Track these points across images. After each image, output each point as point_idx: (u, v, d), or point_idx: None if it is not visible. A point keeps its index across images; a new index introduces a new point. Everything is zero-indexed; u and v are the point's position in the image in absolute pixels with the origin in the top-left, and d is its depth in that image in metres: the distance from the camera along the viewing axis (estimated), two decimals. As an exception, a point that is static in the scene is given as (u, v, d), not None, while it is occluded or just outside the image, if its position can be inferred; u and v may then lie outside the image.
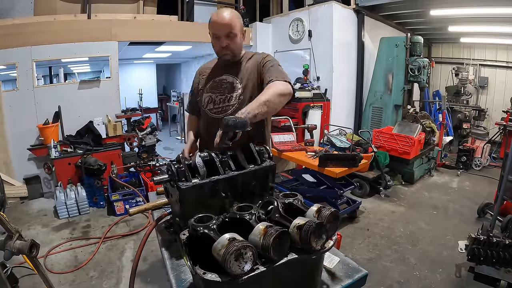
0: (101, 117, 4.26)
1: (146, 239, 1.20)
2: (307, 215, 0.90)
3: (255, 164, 1.12)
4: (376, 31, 5.20)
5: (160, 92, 9.98)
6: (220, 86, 1.57)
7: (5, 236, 1.37)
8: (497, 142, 5.41)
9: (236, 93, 1.54)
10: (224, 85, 1.57)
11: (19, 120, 3.90)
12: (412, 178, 4.29)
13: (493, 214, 2.58)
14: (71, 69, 6.11)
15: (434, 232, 3.02)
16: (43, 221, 3.32)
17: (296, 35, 5.15)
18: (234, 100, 1.53)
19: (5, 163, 3.90)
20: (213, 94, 1.57)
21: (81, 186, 3.52)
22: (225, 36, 1.47)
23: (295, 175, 3.91)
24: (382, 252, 2.70)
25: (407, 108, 4.69)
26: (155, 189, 1.68)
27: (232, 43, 1.50)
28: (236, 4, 5.64)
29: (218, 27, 1.46)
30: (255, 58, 1.59)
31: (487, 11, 4.21)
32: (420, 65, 4.43)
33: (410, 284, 2.28)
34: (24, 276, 2.26)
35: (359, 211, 3.39)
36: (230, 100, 1.54)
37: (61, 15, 4.05)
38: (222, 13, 1.46)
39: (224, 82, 1.57)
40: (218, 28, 1.46)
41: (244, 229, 0.82)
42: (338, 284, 0.95)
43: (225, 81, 1.57)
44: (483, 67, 6.53)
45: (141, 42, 4.89)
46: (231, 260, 0.69)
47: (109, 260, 2.61)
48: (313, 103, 4.45)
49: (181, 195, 0.97)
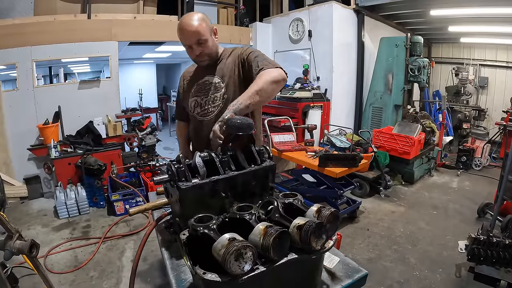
0: (101, 117, 4.26)
1: (146, 239, 1.20)
2: (307, 215, 0.90)
3: (255, 164, 1.12)
4: (376, 31, 5.20)
5: (160, 92, 9.98)
6: (204, 89, 1.55)
7: (5, 236, 1.37)
8: (497, 142, 5.41)
9: (220, 92, 1.50)
10: (207, 87, 1.54)
11: (19, 120, 3.90)
12: (412, 178, 4.29)
13: (493, 214, 2.58)
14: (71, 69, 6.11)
15: (434, 232, 3.02)
16: (43, 221, 3.32)
17: (296, 35, 5.15)
18: (219, 100, 1.50)
19: (5, 163, 3.90)
20: (198, 98, 1.55)
21: (81, 186, 3.53)
22: (196, 44, 1.42)
23: (295, 175, 3.91)
24: (382, 252, 2.70)
25: (407, 108, 4.69)
26: (155, 189, 1.68)
27: (205, 48, 1.45)
28: (236, 4, 5.65)
29: (186, 37, 1.41)
30: (234, 53, 1.54)
31: (487, 11, 4.21)
32: (420, 65, 4.43)
33: (410, 284, 2.28)
34: (24, 276, 2.26)
35: (359, 211, 3.39)
36: (215, 100, 1.51)
37: (61, 15, 4.05)
38: (188, 21, 1.39)
39: (207, 84, 1.54)
40: (187, 38, 1.41)
41: (244, 229, 0.82)
42: (338, 284, 0.95)
43: (208, 82, 1.54)
44: (483, 67, 6.53)
45: (141, 42, 4.89)
46: (231, 260, 0.69)
47: (109, 260, 2.61)
48: (313, 103, 4.45)
49: (181, 195, 0.97)
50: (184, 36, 1.42)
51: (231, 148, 1.12)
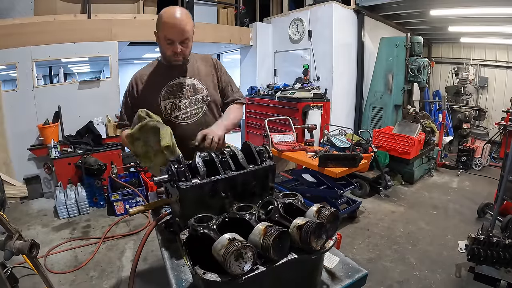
0: (101, 117, 4.26)
1: (146, 239, 1.20)
2: (307, 215, 0.90)
3: (255, 164, 1.12)
4: (376, 31, 5.20)
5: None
6: (180, 90, 1.49)
7: (5, 236, 1.37)
8: (497, 142, 5.41)
9: (201, 94, 1.51)
10: (184, 88, 1.50)
11: (19, 120, 3.90)
12: (412, 178, 4.29)
13: (493, 214, 2.58)
14: (71, 69, 6.12)
15: (434, 232, 3.02)
16: (43, 221, 3.32)
17: (296, 35, 5.15)
18: (202, 102, 1.52)
19: (5, 163, 3.90)
20: (175, 100, 1.48)
21: (81, 186, 3.53)
22: (180, 42, 1.38)
23: (295, 175, 3.91)
24: (382, 252, 2.70)
25: (407, 108, 4.69)
26: (155, 189, 1.68)
27: (187, 48, 1.42)
28: (236, 4, 5.65)
29: (174, 32, 1.35)
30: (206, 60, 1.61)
31: (487, 11, 4.21)
32: (420, 65, 4.43)
33: (410, 284, 2.28)
34: (24, 276, 2.26)
35: (359, 211, 3.39)
36: (197, 102, 1.50)
37: (61, 15, 4.05)
38: (178, 15, 1.33)
39: (184, 85, 1.50)
40: (174, 34, 1.35)
41: (244, 229, 0.82)
42: (338, 284, 0.95)
43: (184, 83, 1.50)
44: (483, 67, 6.52)
45: (141, 42, 4.89)
46: (231, 260, 0.69)
47: (109, 260, 2.61)
48: (313, 103, 4.45)
49: (181, 195, 0.97)
50: (171, 31, 1.34)
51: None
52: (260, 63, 5.59)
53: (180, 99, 1.48)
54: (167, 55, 1.43)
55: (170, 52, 1.40)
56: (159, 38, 1.41)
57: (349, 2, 4.86)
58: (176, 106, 1.48)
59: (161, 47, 1.44)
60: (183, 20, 1.34)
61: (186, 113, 1.49)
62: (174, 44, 1.38)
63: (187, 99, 1.49)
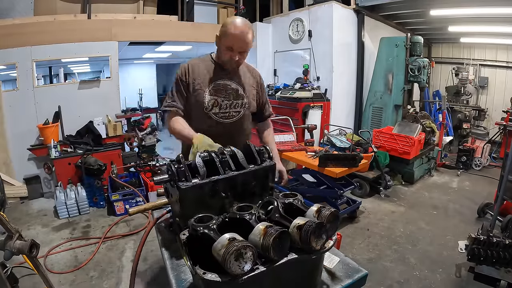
0: (101, 117, 4.26)
1: (145, 238, 1.20)
2: (307, 215, 0.90)
3: (255, 164, 1.12)
4: (376, 31, 5.20)
5: (160, 92, 9.97)
6: (225, 91, 1.58)
7: (5, 236, 1.37)
8: (497, 142, 5.41)
9: (242, 100, 1.62)
10: (229, 91, 1.59)
11: (19, 120, 3.90)
12: (412, 178, 4.29)
13: (493, 214, 2.58)
14: (71, 69, 6.11)
15: (434, 232, 3.02)
16: (43, 221, 3.32)
17: (296, 35, 5.15)
18: (241, 108, 1.62)
19: (5, 163, 3.90)
20: (218, 98, 1.56)
21: (81, 186, 3.52)
22: (240, 52, 1.49)
23: (295, 175, 3.90)
24: (382, 252, 2.70)
25: (407, 108, 4.69)
26: (155, 189, 1.68)
27: (243, 58, 1.54)
28: (236, 4, 5.65)
29: (238, 43, 1.46)
30: (252, 71, 1.72)
31: (487, 11, 4.21)
32: (420, 65, 4.43)
33: (410, 284, 2.28)
34: (24, 276, 2.26)
35: (359, 211, 3.39)
36: (236, 106, 1.60)
37: (61, 15, 4.05)
38: (244, 28, 1.44)
39: (229, 88, 1.59)
40: (238, 44, 1.46)
41: (244, 229, 0.82)
42: (338, 284, 0.95)
43: (230, 86, 1.59)
44: (483, 67, 6.52)
45: (141, 42, 4.90)
46: (231, 260, 0.69)
47: (109, 260, 2.61)
48: (313, 103, 4.45)
49: (181, 195, 0.97)
50: (237, 42, 1.45)
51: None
52: (260, 63, 5.59)
53: (223, 99, 1.57)
54: (224, 59, 1.53)
55: (228, 57, 1.51)
56: (221, 43, 1.51)
57: (349, 2, 4.85)
58: (217, 104, 1.57)
59: (219, 50, 1.55)
60: (248, 34, 1.45)
61: (225, 113, 1.58)
62: (234, 52, 1.48)
63: (229, 100, 1.58)
